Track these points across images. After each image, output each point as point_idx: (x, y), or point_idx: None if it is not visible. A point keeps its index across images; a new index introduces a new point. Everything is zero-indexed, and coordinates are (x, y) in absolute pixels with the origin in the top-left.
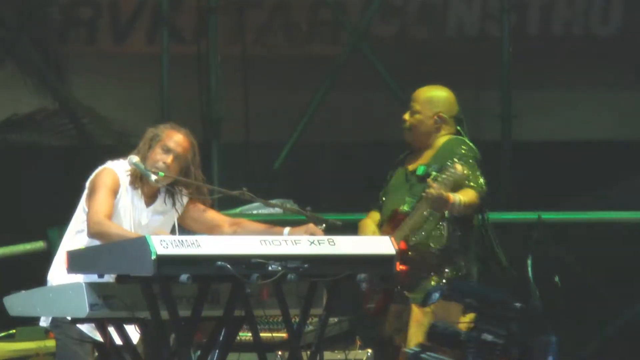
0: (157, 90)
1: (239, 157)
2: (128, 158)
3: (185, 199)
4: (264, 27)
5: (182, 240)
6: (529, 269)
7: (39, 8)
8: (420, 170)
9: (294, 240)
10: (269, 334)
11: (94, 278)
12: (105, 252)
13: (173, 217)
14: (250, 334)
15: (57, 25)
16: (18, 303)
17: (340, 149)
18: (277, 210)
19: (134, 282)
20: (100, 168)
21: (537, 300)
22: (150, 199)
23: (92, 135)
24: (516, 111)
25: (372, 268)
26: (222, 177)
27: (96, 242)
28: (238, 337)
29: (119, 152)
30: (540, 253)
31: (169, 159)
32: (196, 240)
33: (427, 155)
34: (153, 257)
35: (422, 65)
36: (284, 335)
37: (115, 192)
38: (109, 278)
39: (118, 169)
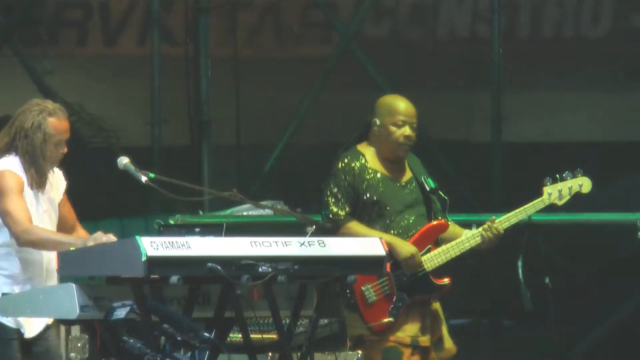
0: (148, 92)
1: (229, 158)
2: (118, 160)
3: (63, 185)
4: (255, 28)
5: (172, 242)
6: (520, 270)
7: (30, 9)
8: (432, 184)
9: (284, 242)
10: (259, 335)
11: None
12: (96, 253)
13: (56, 200)
14: (240, 335)
15: (48, 26)
16: (8, 305)
17: (332, 150)
18: (268, 211)
19: (125, 284)
20: None
21: (528, 302)
22: (41, 187)
23: (83, 136)
24: (507, 112)
25: (363, 269)
26: (212, 178)
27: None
28: (228, 338)
29: (110, 152)
30: (530, 254)
31: (65, 149)
32: (186, 242)
33: (405, 166)
34: (143, 258)
35: (413, 66)
36: (274, 336)
37: (22, 191)
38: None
39: (14, 167)
